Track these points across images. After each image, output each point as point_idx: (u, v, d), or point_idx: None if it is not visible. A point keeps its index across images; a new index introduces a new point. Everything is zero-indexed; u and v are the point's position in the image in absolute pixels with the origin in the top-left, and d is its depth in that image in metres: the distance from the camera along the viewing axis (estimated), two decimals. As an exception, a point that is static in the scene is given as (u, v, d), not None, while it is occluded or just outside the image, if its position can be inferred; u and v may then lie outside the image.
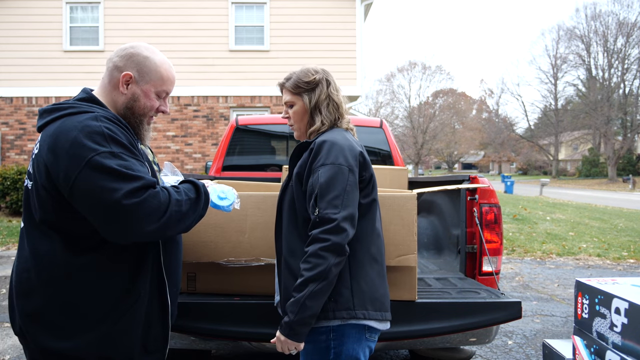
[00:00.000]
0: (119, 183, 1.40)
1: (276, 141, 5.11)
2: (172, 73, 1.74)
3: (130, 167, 1.45)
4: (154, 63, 1.68)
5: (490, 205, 2.78)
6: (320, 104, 1.86)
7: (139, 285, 1.58)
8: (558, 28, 47.90)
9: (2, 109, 13.00)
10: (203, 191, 1.65)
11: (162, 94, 1.73)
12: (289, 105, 1.91)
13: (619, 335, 1.67)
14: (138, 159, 1.53)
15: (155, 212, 1.44)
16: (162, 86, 1.71)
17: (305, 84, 1.86)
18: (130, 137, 1.58)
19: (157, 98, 1.72)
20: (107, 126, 1.50)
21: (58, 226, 1.52)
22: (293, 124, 1.92)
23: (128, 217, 1.40)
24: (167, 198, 1.48)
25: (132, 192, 1.40)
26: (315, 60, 12.18)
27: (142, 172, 1.47)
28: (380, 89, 51.60)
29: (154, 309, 1.64)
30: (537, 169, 60.16)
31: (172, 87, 1.75)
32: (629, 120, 42.00)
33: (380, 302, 1.75)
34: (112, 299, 1.55)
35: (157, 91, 1.70)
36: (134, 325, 1.58)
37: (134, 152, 1.53)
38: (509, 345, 4.06)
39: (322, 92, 1.86)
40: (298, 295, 1.61)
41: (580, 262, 7.88)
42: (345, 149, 1.72)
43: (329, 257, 1.59)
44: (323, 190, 1.65)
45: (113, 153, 1.44)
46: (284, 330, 1.64)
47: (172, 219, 1.49)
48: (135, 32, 12.62)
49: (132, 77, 1.65)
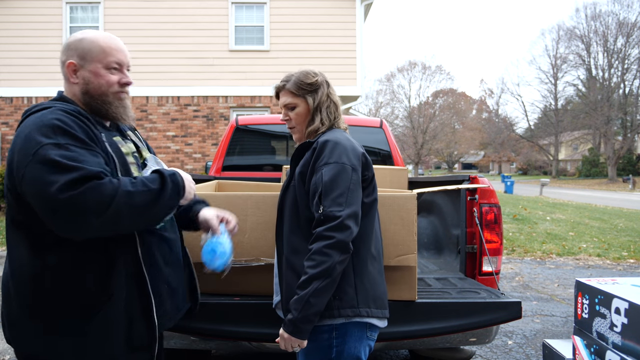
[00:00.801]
0: (56, 175, 1.34)
1: (276, 141, 5.11)
2: (113, 42, 1.65)
3: (74, 158, 1.38)
4: (89, 41, 1.63)
5: (490, 205, 2.78)
6: (321, 105, 1.87)
7: (110, 284, 1.51)
8: (558, 28, 47.98)
9: (2, 109, 13.00)
10: (170, 181, 1.53)
11: (113, 65, 1.64)
12: (290, 107, 1.90)
13: (619, 335, 1.67)
14: (90, 149, 1.46)
15: (97, 205, 1.35)
16: (107, 58, 1.63)
17: (308, 86, 1.87)
18: (90, 128, 1.52)
19: (112, 72, 1.64)
20: (59, 118, 1.47)
21: (24, 226, 1.50)
22: (294, 127, 1.91)
23: (66, 211, 1.33)
24: (114, 190, 1.37)
25: (69, 185, 1.33)
26: (315, 60, 12.25)
27: (87, 163, 1.39)
28: (380, 89, 51.69)
29: (134, 307, 1.57)
30: (537, 169, 60.15)
31: (120, 55, 1.65)
32: (629, 120, 42.01)
33: (381, 300, 1.78)
34: (82, 300, 1.50)
35: (105, 65, 1.63)
36: (111, 326, 1.52)
37: (85, 143, 1.46)
38: (509, 345, 4.06)
39: (324, 94, 1.88)
40: (302, 292, 1.61)
41: (580, 262, 7.88)
42: (348, 148, 1.74)
43: (334, 254, 1.60)
44: (327, 189, 1.66)
45: (58, 144, 1.40)
46: (288, 328, 1.65)
47: (121, 211, 1.38)
48: (135, 32, 12.62)
49: (76, 64, 1.62)
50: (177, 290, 1.76)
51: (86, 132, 1.50)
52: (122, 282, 1.54)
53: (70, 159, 1.37)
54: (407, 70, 50.43)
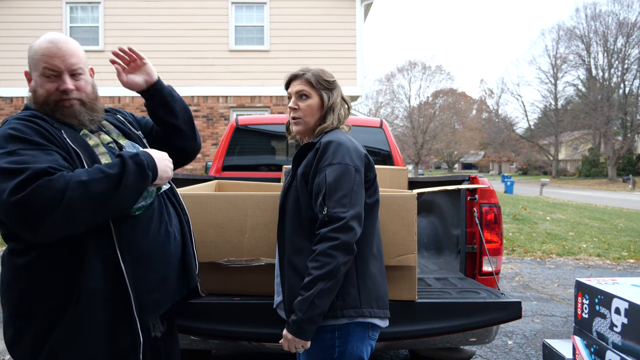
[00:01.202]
0: (6, 182, 1.35)
1: (276, 141, 5.11)
2: (49, 48, 1.59)
3: (23, 161, 1.39)
4: (33, 49, 1.61)
5: (490, 205, 2.78)
6: (335, 105, 1.88)
7: (81, 280, 1.49)
8: (558, 28, 47.85)
9: (2, 109, 13.00)
10: (132, 162, 1.48)
11: (48, 73, 1.59)
12: (303, 95, 1.85)
13: (619, 335, 1.67)
14: (44, 149, 1.46)
15: (49, 200, 1.34)
16: (42, 65, 1.59)
17: (326, 83, 1.86)
18: (45, 128, 1.52)
19: (50, 79, 1.60)
20: (12, 127, 1.49)
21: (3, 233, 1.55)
22: (300, 117, 1.85)
23: (21, 213, 1.34)
24: (65, 183, 1.36)
25: (18, 187, 1.33)
26: (316, 60, 12.25)
27: (38, 163, 1.38)
28: (380, 89, 51.64)
29: (115, 306, 1.54)
30: (537, 169, 60.14)
31: (55, 61, 1.59)
32: (629, 120, 42.00)
33: (383, 300, 1.78)
34: (55, 299, 1.49)
35: (41, 73, 1.60)
36: (88, 324, 1.50)
37: (38, 144, 1.46)
38: (509, 345, 4.06)
39: (339, 95, 1.90)
40: (306, 293, 1.61)
41: (580, 262, 7.88)
42: (351, 149, 1.75)
43: (338, 255, 1.60)
44: (331, 190, 1.66)
45: (9, 152, 1.42)
46: (292, 329, 1.64)
47: (74, 204, 1.36)
48: (135, 32, 12.63)
49: (28, 73, 1.65)
50: (169, 277, 1.71)
51: (40, 133, 1.50)
52: (95, 280, 1.50)
53: (19, 162, 1.38)
54: (407, 70, 50.44)
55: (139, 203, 1.58)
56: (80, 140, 1.60)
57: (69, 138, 1.57)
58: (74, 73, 1.63)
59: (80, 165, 1.51)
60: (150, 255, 1.64)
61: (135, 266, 1.58)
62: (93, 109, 1.69)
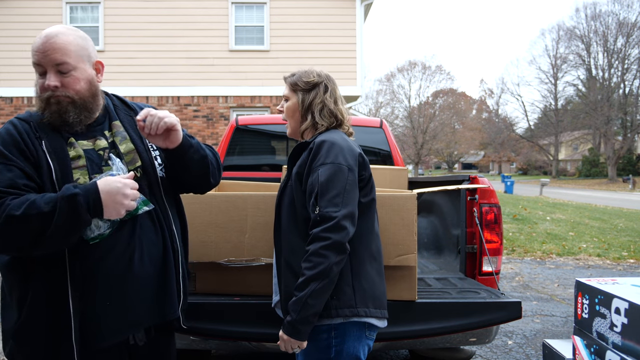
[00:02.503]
0: None
1: (276, 141, 5.11)
2: (35, 43, 1.57)
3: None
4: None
5: (490, 205, 2.78)
6: (313, 106, 1.87)
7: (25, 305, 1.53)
8: (558, 28, 47.74)
9: (2, 109, 13.00)
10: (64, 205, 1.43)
11: (37, 69, 1.59)
12: (285, 97, 1.95)
13: (619, 335, 1.67)
14: (7, 164, 1.50)
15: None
16: (32, 60, 1.58)
17: (303, 84, 1.88)
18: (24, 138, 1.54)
19: (41, 76, 1.59)
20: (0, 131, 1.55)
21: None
22: (285, 119, 1.96)
23: None
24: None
25: None
26: (315, 60, 12.24)
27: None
28: (380, 89, 51.62)
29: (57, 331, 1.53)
30: (537, 169, 60.13)
31: (38, 56, 1.56)
32: (629, 120, 42.00)
33: (380, 300, 1.77)
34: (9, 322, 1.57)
35: (35, 69, 1.60)
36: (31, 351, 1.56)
37: (5, 157, 1.51)
38: (509, 345, 4.06)
39: (317, 96, 1.87)
40: (300, 294, 1.61)
41: (580, 262, 7.88)
42: (345, 149, 1.74)
43: (330, 255, 1.60)
44: (323, 189, 1.66)
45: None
46: (287, 330, 1.65)
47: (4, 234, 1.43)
48: (135, 32, 12.63)
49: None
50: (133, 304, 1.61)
51: (16, 142, 1.53)
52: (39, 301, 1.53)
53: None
54: (407, 70, 50.42)
55: (94, 233, 1.52)
56: (59, 152, 1.57)
57: (48, 149, 1.56)
58: (60, 69, 1.56)
59: (48, 182, 1.52)
60: (108, 283, 1.57)
61: (87, 293, 1.54)
62: (85, 108, 1.62)
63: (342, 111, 1.91)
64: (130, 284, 1.59)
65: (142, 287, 1.61)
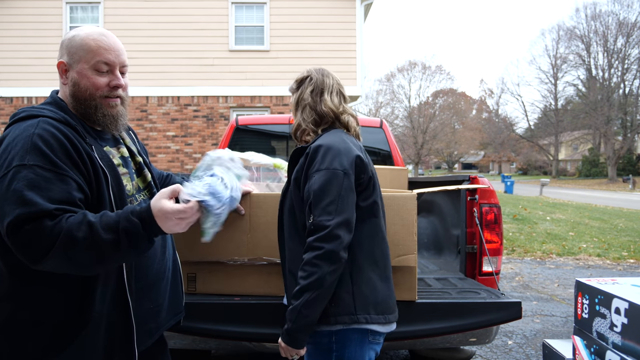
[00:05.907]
0: (11, 206, 1.28)
1: (276, 141, 5.11)
2: (103, 40, 1.51)
3: (34, 185, 1.30)
4: (79, 39, 1.50)
5: (490, 205, 2.78)
6: (302, 100, 1.84)
7: (88, 310, 1.41)
8: (558, 28, 47.89)
9: (2, 109, 12.99)
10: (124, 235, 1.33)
11: (102, 67, 1.51)
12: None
13: (619, 335, 1.67)
14: (61, 174, 1.35)
15: (37, 248, 1.28)
16: (94, 58, 1.50)
17: (295, 83, 1.89)
18: (75, 144, 1.41)
19: (101, 74, 1.51)
20: (40, 134, 1.37)
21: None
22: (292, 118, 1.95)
23: (15, 243, 1.29)
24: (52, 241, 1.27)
25: (17, 221, 1.27)
26: (315, 60, 12.24)
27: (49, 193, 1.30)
28: (380, 89, 51.59)
29: (117, 334, 1.47)
30: (537, 169, 60.11)
31: (110, 55, 1.51)
32: (629, 120, 42.00)
33: (383, 305, 1.72)
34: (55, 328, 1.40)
35: (92, 66, 1.50)
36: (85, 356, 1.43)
37: (57, 167, 1.35)
38: (509, 345, 4.06)
39: (303, 92, 1.84)
40: (295, 303, 1.60)
41: (580, 262, 7.88)
42: (342, 152, 1.69)
43: (323, 265, 1.57)
44: (317, 197, 1.63)
45: (25, 165, 1.32)
46: (284, 338, 1.66)
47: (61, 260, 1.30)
48: (134, 32, 12.61)
49: (66, 63, 1.52)
50: (162, 306, 1.64)
51: (65, 149, 1.38)
52: (102, 307, 1.43)
53: (31, 187, 1.29)
54: (407, 70, 50.42)
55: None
56: (107, 159, 1.50)
57: (98, 156, 1.47)
58: (122, 71, 1.56)
59: (106, 190, 1.44)
60: (152, 284, 1.58)
61: (139, 295, 1.53)
62: (126, 113, 1.62)
63: (330, 104, 1.80)
64: (164, 284, 1.64)
65: (168, 287, 1.68)
